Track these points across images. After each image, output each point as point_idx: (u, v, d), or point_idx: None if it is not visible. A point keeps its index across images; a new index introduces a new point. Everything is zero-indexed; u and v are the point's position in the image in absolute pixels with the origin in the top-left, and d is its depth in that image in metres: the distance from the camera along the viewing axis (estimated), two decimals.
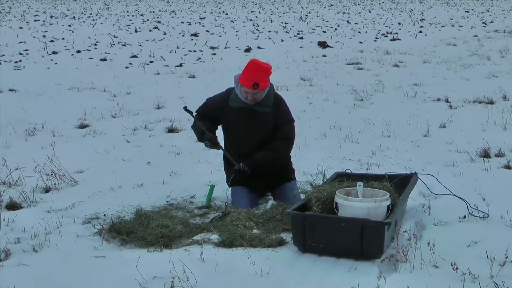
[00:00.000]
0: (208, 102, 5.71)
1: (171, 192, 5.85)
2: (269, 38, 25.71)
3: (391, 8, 46.42)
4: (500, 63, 15.85)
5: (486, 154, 7.01)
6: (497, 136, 7.85)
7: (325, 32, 28.66)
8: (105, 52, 21.17)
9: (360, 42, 23.32)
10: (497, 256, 3.95)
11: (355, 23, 33.45)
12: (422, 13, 40.57)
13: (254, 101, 5.41)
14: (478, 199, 5.14)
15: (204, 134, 5.54)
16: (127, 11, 44.57)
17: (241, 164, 5.36)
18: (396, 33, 26.62)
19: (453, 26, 29.86)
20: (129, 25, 33.41)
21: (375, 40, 24.18)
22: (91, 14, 42.16)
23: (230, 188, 5.63)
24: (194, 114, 5.73)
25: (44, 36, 27.05)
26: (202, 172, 6.58)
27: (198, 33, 27.86)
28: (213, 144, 5.58)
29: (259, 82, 5.25)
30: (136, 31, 29.54)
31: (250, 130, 5.47)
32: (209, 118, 5.66)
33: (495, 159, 6.87)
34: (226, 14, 42.34)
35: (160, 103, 11.08)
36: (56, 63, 18.33)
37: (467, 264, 3.76)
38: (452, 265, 3.65)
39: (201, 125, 5.57)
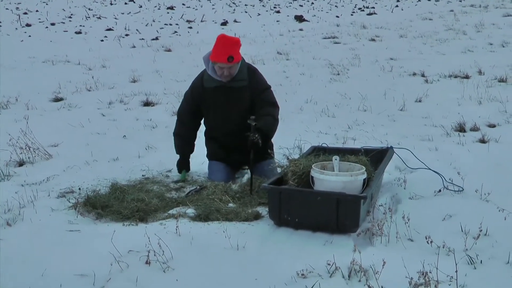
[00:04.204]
0: (187, 96, 5.61)
1: (147, 166, 5.81)
2: (246, 12, 25.57)
3: None
4: (475, 37, 15.92)
5: (461, 129, 7.07)
6: (472, 110, 7.91)
7: (301, 6, 28.57)
8: (80, 25, 20.93)
9: (337, 16, 23.31)
10: (471, 230, 3.97)
11: None
12: None
13: (230, 77, 5.31)
14: (453, 173, 5.17)
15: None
16: None
17: (256, 135, 5.04)
18: (373, 8, 26.62)
19: (429, 0, 29.88)
20: None
21: (351, 14, 24.17)
22: None
23: (208, 162, 5.60)
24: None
25: (17, 8, 26.61)
26: None
27: (174, 6, 27.61)
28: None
29: (233, 54, 5.17)
30: (111, 4, 29.19)
31: (229, 108, 5.38)
32: (192, 112, 5.56)
33: (470, 133, 6.92)
34: None
35: (135, 76, 10.99)
36: (30, 36, 18.09)
37: (441, 237, 3.78)
38: (426, 238, 3.65)
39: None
